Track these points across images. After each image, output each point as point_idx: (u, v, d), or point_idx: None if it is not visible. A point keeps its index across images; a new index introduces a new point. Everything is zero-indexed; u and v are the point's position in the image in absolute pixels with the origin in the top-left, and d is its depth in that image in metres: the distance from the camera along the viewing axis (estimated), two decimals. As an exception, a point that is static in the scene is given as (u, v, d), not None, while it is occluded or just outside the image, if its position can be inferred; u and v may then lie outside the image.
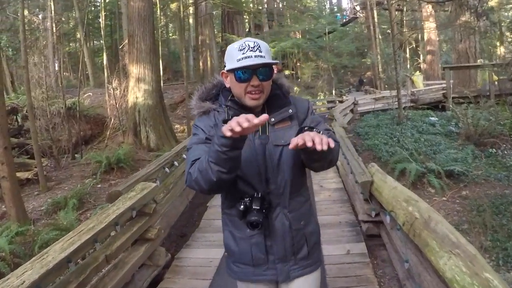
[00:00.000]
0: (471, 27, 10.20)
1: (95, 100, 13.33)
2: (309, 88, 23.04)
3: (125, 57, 10.80)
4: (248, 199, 1.30)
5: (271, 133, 1.33)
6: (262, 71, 1.24)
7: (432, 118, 8.46)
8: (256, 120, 0.99)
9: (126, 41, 9.76)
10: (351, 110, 10.67)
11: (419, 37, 27.07)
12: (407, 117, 7.92)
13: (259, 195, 1.31)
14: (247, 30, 24.04)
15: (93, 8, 22.09)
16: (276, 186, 1.34)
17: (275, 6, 29.01)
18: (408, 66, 26.52)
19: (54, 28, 12.75)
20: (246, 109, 1.30)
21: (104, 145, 10.08)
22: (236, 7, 13.91)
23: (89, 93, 12.87)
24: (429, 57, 21.18)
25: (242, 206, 1.28)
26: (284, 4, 29.02)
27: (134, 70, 8.71)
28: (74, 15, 15.95)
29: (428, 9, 20.19)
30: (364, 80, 28.12)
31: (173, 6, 18.93)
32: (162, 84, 17.49)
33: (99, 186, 7.09)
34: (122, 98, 10.28)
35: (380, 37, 24.39)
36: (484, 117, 6.92)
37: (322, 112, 16.53)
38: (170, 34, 29.07)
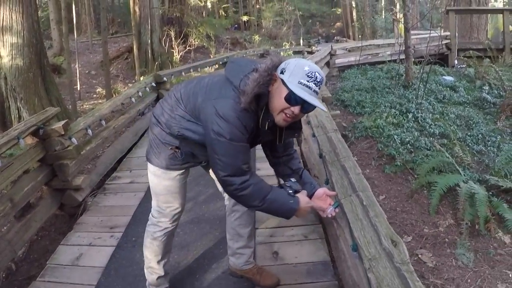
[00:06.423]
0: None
1: None
2: (272, 38, 19.59)
3: None
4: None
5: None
6: (310, 108, 1.23)
7: (447, 78, 5.79)
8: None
9: None
10: (327, 64, 7.60)
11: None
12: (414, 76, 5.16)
13: None
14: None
15: None
16: None
17: None
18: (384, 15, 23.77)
19: None
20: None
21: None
22: None
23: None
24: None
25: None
26: None
27: (-5, 14, 4.88)
28: None
29: None
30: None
31: None
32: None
33: None
34: None
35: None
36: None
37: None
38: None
